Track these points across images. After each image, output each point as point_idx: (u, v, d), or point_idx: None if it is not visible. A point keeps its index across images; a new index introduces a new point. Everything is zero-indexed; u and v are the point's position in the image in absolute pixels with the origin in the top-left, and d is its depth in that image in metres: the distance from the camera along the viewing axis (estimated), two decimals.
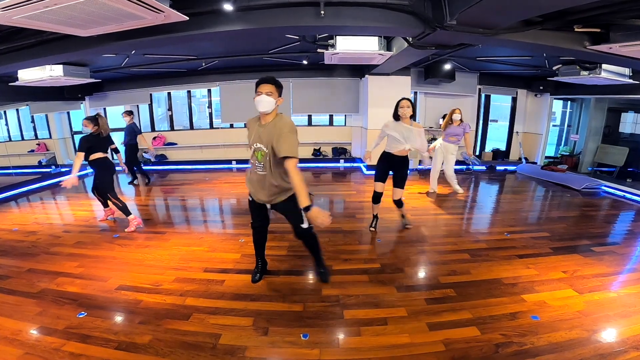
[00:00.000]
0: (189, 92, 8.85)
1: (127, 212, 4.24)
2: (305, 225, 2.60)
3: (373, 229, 4.11)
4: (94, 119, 4.14)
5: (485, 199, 5.91)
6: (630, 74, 5.20)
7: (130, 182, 6.84)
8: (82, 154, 3.95)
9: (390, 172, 3.95)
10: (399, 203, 4.00)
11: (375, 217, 4.16)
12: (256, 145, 2.41)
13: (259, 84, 2.38)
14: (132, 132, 6.57)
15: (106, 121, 4.26)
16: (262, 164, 2.43)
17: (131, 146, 6.59)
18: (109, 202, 4.40)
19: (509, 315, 2.41)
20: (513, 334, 2.22)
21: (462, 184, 6.53)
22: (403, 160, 3.84)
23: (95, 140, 4.11)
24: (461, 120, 5.64)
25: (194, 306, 2.57)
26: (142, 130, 8.92)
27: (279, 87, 2.42)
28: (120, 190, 6.31)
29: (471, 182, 6.94)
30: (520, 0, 2.54)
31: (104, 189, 4.29)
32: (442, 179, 5.95)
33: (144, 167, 7.15)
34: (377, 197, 4.02)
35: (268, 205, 2.66)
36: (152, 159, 8.35)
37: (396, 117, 3.78)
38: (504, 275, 2.99)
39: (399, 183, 3.89)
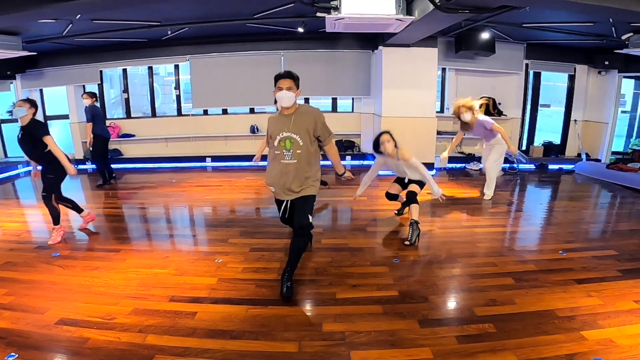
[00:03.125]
0: (150, 68, 8.89)
1: (56, 221, 4.41)
2: (310, 220, 3.27)
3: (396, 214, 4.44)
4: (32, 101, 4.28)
5: (533, 206, 5.91)
6: None
7: (101, 185, 6.93)
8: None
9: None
10: (412, 197, 4.38)
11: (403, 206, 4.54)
12: (283, 134, 3.21)
13: (279, 79, 3.18)
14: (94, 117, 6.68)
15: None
16: (291, 151, 3.22)
17: (98, 137, 6.70)
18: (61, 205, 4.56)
19: (564, 358, 2.41)
20: None
21: (506, 186, 6.55)
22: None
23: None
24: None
25: (157, 346, 2.57)
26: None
27: (297, 80, 3.25)
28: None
29: (515, 184, 6.95)
30: None
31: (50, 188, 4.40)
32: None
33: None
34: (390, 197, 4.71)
35: (288, 201, 3.39)
36: None
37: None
38: (558, 306, 2.99)
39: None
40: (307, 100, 8.92)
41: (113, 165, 7.50)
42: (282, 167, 3.26)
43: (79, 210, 4.75)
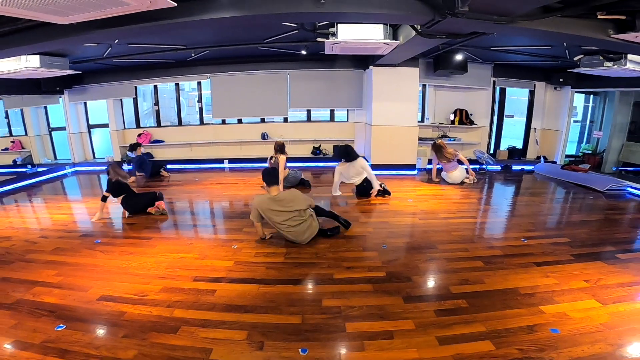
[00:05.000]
0: (177, 85, 8.87)
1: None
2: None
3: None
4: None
5: (500, 201, 5.91)
6: None
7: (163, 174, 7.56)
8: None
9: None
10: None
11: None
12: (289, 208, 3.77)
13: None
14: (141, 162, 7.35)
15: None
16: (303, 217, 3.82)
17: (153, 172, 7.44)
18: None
19: (526, 328, 2.41)
20: (531, 348, 2.23)
21: (475, 186, 6.55)
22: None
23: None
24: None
25: (183, 318, 2.57)
26: (126, 127, 9.00)
27: None
28: None
29: (485, 182, 6.94)
30: None
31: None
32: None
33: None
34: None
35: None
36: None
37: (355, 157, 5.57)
38: (520, 285, 2.99)
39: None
40: (309, 112, 8.91)
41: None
42: (300, 227, 3.80)
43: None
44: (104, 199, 4.82)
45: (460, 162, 6.49)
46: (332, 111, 8.94)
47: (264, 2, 3.36)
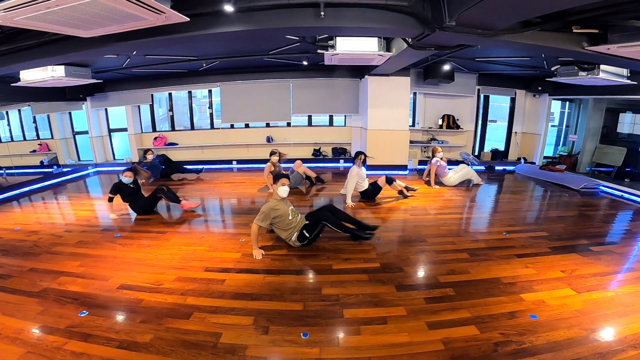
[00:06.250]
0: (189, 92, 8.85)
1: (177, 200, 5.02)
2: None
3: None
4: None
5: (484, 198, 5.91)
6: (629, 74, 5.20)
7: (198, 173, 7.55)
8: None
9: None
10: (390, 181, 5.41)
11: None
12: (290, 209, 3.65)
13: (281, 178, 3.60)
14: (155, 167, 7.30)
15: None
16: (296, 214, 3.71)
17: (164, 173, 7.36)
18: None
19: (507, 315, 2.41)
20: (512, 333, 2.23)
21: (461, 184, 6.54)
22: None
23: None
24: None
25: (195, 305, 2.57)
26: (144, 131, 8.98)
27: None
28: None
29: (470, 182, 6.93)
30: (519, 1, 2.54)
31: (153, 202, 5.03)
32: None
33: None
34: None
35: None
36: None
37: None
38: (502, 275, 2.99)
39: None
40: (310, 117, 8.90)
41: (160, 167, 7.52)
42: (293, 224, 3.61)
43: (177, 200, 5.02)
44: (110, 199, 4.76)
45: (448, 166, 6.49)
46: (331, 116, 8.93)
47: (269, 17, 3.35)
